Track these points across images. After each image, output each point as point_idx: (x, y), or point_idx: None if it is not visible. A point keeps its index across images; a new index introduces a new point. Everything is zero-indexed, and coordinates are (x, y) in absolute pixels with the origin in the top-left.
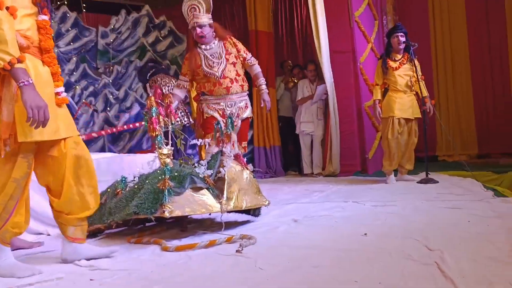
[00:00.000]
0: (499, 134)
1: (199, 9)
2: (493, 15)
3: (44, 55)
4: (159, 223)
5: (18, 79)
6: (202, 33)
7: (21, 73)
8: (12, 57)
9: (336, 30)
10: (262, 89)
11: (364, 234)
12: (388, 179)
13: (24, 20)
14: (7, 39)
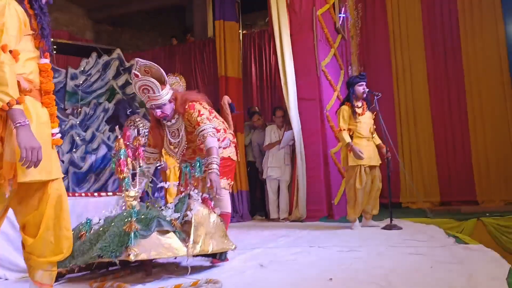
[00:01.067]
0: (460, 183)
1: (153, 89)
2: (452, 70)
3: (44, 97)
4: (123, 267)
5: (15, 120)
6: (164, 113)
7: (18, 114)
8: (11, 98)
9: (303, 79)
10: (209, 168)
11: (330, 279)
12: (353, 225)
13: (28, 63)
14: (8, 81)
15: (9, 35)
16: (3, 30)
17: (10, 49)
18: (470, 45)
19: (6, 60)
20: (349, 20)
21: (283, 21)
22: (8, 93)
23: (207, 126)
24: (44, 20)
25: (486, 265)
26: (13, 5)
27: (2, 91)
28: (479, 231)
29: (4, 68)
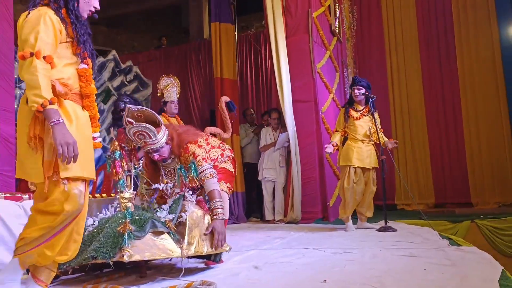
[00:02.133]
0: (454, 185)
1: (149, 135)
2: (446, 72)
3: (85, 100)
4: (117, 268)
5: (50, 119)
6: (162, 156)
7: (52, 113)
8: (44, 100)
9: (299, 80)
10: (214, 214)
11: (324, 281)
12: (347, 227)
13: (65, 69)
14: (41, 85)
15: (43, 42)
16: (38, 38)
17: (44, 55)
18: (465, 48)
19: (39, 65)
20: (344, 22)
21: (278, 23)
22: (42, 95)
23: (205, 167)
24: (80, 28)
25: (479, 267)
26: (49, 14)
27: (35, 94)
28: (473, 233)
29: (36, 73)
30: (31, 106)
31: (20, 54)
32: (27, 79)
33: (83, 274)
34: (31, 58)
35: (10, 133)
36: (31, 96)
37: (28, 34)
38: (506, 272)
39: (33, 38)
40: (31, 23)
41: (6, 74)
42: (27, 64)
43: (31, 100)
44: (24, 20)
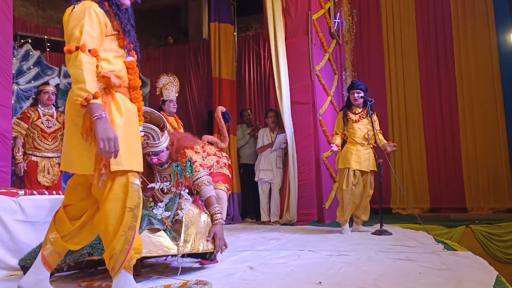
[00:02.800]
0: (450, 190)
1: (153, 137)
2: (444, 77)
3: (132, 93)
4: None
5: (93, 113)
6: (160, 161)
7: (95, 108)
8: (88, 94)
9: (297, 82)
10: (214, 219)
11: (319, 283)
12: (343, 229)
13: (116, 61)
14: (85, 78)
15: (88, 35)
16: (83, 31)
17: (89, 49)
18: (463, 54)
19: (84, 59)
20: (344, 25)
21: (278, 25)
22: (86, 89)
23: (201, 174)
24: (124, 18)
25: (474, 271)
26: (93, 8)
27: (80, 88)
28: (468, 238)
29: (81, 66)
30: (75, 99)
31: (66, 48)
32: (73, 73)
33: (78, 271)
34: (77, 52)
35: (7, 129)
36: (76, 90)
37: (73, 28)
38: (501, 278)
39: (78, 31)
40: (76, 17)
41: (4, 70)
42: (72, 58)
43: (76, 94)
44: (69, 14)
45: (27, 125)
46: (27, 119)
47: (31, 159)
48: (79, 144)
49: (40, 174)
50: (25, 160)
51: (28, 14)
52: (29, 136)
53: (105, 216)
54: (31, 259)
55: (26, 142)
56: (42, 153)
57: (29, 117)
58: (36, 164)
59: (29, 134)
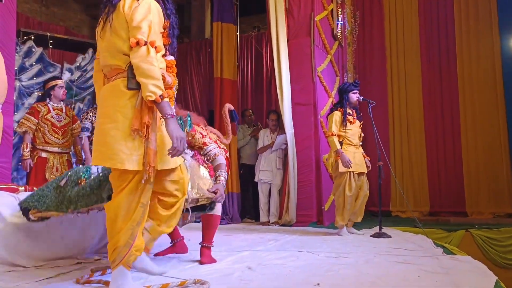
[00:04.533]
0: (450, 194)
1: None
2: (446, 80)
3: (169, 91)
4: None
5: (166, 112)
6: None
7: (167, 106)
8: (163, 92)
9: (299, 83)
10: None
11: (317, 284)
12: (341, 231)
13: (162, 59)
14: (159, 76)
15: (155, 32)
16: (151, 27)
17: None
18: (466, 56)
19: (154, 55)
20: (346, 27)
21: (280, 25)
22: (161, 86)
23: (212, 146)
24: (173, 21)
25: (472, 276)
26: (154, 3)
27: (155, 85)
28: (467, 243)
29: (155, 63)
30: (147, 95)
31: (134, 41)
32: (146, 68)
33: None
34: (146, 46)
35: (8, 125)
36: (149, 85)
37: (141, 22)
38: (500, 283)
39: (146, 26)
40: (143, 11)
41: (7, 66)
42: (143, 52)
43: (149, 90)
44: (133, 6)
45: (37, 120)
46: (37, 114)
47: (41, 155)
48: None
49: (48, 171)
50: (34, 157)
51: (31, 11)
52: (39, 131)
53: (118, 206)
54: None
55: (36, 137)
56: (53, 148)
57: (39, 112)
58: (46, 161)
59: (39, 128)
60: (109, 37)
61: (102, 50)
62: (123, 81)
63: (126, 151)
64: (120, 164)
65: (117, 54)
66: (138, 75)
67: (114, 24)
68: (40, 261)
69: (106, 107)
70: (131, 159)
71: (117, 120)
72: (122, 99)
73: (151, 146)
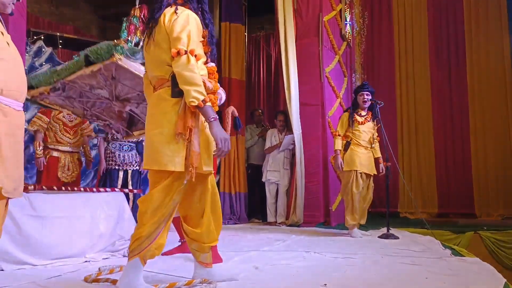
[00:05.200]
0: (459, 196)
1: None
2: (455, 82)
3: (211, 96)
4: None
5: (209, 116)
6: None
7: (210, 110)
8: (205, 97)
9: (307, 84)
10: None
11: (324, 285)
12: (353, 232)
13: (203, 66)
14: (200, 82)
15: (194, 42)
16: (190, 37)
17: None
18: (475, 58)
19: (195, 63)
20: (354, 27)
21: (289, 26)
22: (203, 92)
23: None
24: (212, 28)
25: (481, 278)
26: (192, 14)
27: (197, 91)
28: (476, 245)
29: (196, 70)
30: (190, 101)
31: (175, 51)
32: (187, 76)
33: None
34: (186, 55)
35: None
36: (192, 92)
37: (180, 33)
38: (509, 285)
39: (186, 36)
40: (182, 23)
41: None
42: (183, 61)
43: (192, 96)
44: (173, 19)
45: (49, 119)
46: (49, 113)
47: (52, 155)
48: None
49: (60, 170)
50: (46, 155)
51: (41, 11)
52: (51, 130)
53: (151, 200)
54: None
55: (48, 136)
56: (64, 147)
57: (51, 111)
58: (57, 160)
59: (51, 128)
60: (153, 50)
61: (148, 63)
62: (167, 90)
63: (169, 154)
64: (163, 166)
65: (161, 65)
66: (180, 83)
67: (156, 37)
68: (48, 259)
69: (152, 115)
70: (174, 161)
71: (162, 125)
72: (167, 106)
73: (194, 148)
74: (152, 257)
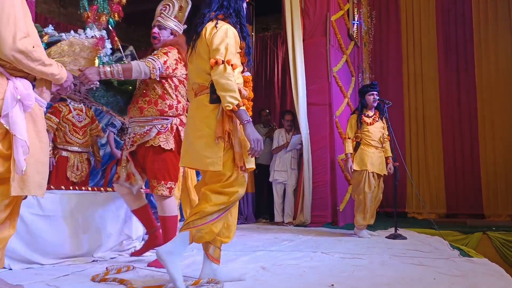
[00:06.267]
0: (467, 196)
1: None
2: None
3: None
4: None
5: (243, 119)
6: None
7: (244, 114)
8: (239, 102)
9: (314, 83)
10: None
11: (331, 285)
12: (360, 232)
13: (240, 75)
14: (235, 88)
15: (231, 53)
16: (227, 49)
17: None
18: (484, 58)
19: (231, 72)
20: (362, 27)
21: (296, 25)
22: (237, 97)
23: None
24: (249, 41)
25: (489, 279)
26: (231, 28)
27: (232, 96)
28: (484, 245)
29: (231, 78)
30: (226, 106)
31: (213, 61)
32: (223, 83)
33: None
34: (224, 64)
35: None
36: (227, 97)
37: (219, 45)
38: None
39: (223, 48)
40: (221, 36)
41: None
42: (221, 70)
43: (227, 101)
44: (213, 33)
45: (58, 119)
46: (58, 114)
47: (62, 154)
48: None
49: (69, 170)
50: (55, 155)
51: (50, 11)
52: (60, 131)
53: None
54: None
55: (57, 137)
56: (73, 147)
57: (60, 112)
58: (67, 160)
59: (60, 128)
60: (195, 60)
61: (190, 71)
62: (206, 96)
63: (210, 156)
64: (204, 166)
65: (201, 73)
66: (217, 90)
67: (198, 49)
68: (56, 258)
69: (193, 119)
70: (214, 162)
71: (202, 129)
72: (206, 112)
73: (236, 149)
74: (199, 240)
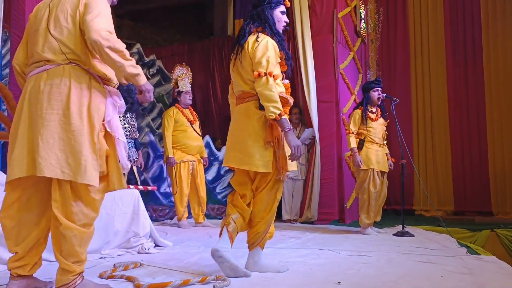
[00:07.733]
0: (475, 193)
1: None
2: (472, 79)
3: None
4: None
5: (284, 127)
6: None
7: (285, 122)
8: (281, 111)
9: (321, 80)
10: None
11: (338, 283)
12: (365, 231)
13: (281, 84)
14: (278, 99)
15: (272, 65)
16: (269, 61)
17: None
18: (492, 55)
19: (273, 83)
20: (369, 24)
21: (305, 22)
22: (279, 107)
23: None
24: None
25: (497, 277)
26: (271, 41)
27: (275, 106)
28: (493, 243)
29: (274, 89)
30: (269, 115)
31: (256, 74)
32: (267, 94)
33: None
34: (266, 77)
35: None
36: (270, 108)
37: (261, 58)
38: None
39: (265, 61)
40: (262, 49)
41: None
42: (263, 81)
43: (270, 111)
44: (255, 46)
45: None
46: None
47: None
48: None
49: None
50: None
51: None
52: None
53: (261, 201)
54: None
55: None
56: None
57: None
58: None
59: None
60: (240, 69)
61: (234, 79)
62: (254, 103)
63: (260, 158)
64: (255, 168)
65: (248, 82)
66: (261, 100)
67: (242, 61)
68: None
69: (241, 123)
70: (265, 164)
71: (250, 134)
72: (254, 117)
73: (283, 154)
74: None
